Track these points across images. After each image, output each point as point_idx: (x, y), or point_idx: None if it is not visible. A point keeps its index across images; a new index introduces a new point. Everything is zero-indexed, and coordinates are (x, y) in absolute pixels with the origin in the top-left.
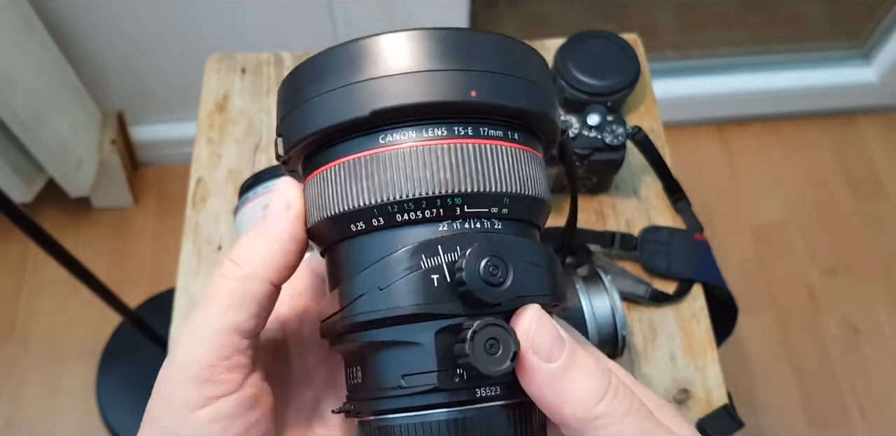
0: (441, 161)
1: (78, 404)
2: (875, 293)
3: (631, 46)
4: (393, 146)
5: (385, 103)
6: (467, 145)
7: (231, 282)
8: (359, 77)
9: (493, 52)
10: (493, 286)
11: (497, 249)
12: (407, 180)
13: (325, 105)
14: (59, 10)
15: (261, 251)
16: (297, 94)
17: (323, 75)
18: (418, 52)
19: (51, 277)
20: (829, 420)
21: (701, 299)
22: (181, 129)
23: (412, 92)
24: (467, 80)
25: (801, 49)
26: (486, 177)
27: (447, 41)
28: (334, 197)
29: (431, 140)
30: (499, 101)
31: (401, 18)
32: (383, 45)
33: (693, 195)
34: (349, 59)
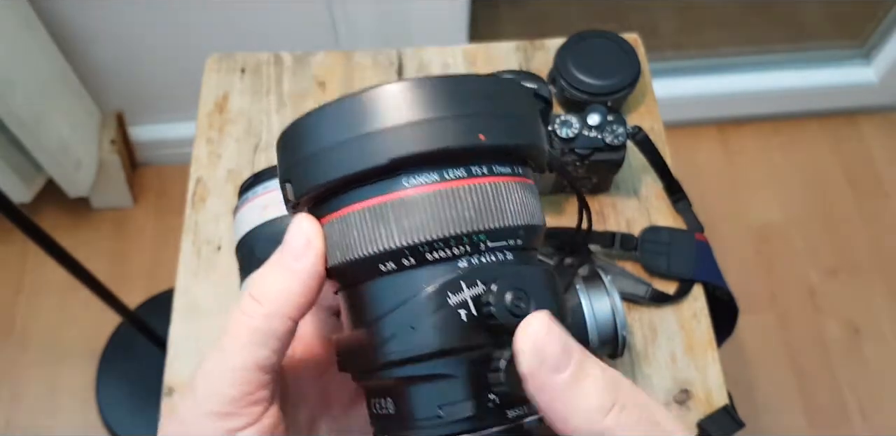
0: (465, 201)
1: (77, 404)
2: (875, 293)
3: (631, 46)
4: (418, 189)
5: (403, 151)
6: (485, 184)
7: (253, 320)
8: (373, 127)
9: (486, 95)
10: (519, 317)
11: (518, 281)
12: (436, 221)
13: (342, 153)
14: (59, 11)
15: (282, 290)
16: (309, 142)
17: (336, 125)
18: (422, 101)
19: (50, 277)
20: (829, 420)
21: (701, 300)
22: (181, 129)
23: (427, 139)
24: (473, 124)
25: (802, 49)
26: (504, 213)
27: (444, 88)
28: (362, 239)
29: (452, 181)
30: (504, 142)
31: (401, 19)
32: (390, 96)
33: (693, 195)
34: (359, 111)
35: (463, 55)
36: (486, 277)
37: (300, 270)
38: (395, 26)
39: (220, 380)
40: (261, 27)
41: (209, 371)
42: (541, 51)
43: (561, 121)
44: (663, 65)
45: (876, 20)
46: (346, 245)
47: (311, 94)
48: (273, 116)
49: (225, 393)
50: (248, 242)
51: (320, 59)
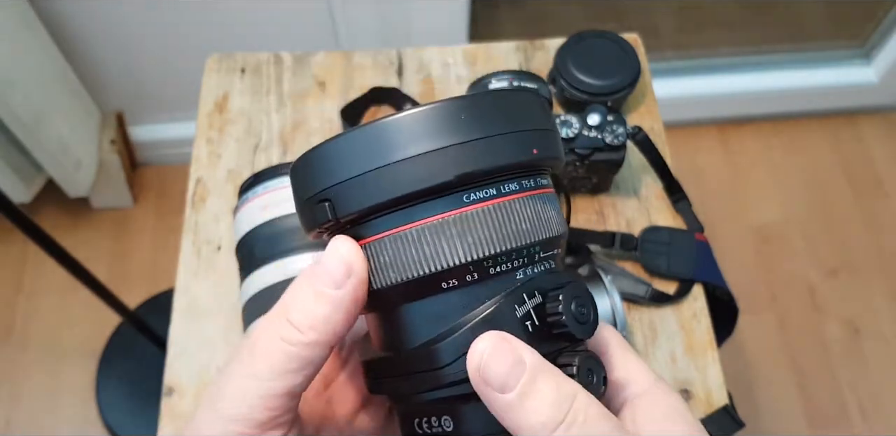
0: (520, 214)
1: (77, 404)
2: (875, 293)
3: (631, 46)
4: (477, 205)
5: (469, 168)
6: (533, 197)
7: (293, 348)
8: (435, 145)
9: (527, 110)
10: (584, 324)
11: (576, 289)
12: (499, 235)
13: (402, 172)
14: (59, 11)
15: (324, 318)
16: (358, 162)
17: (389, 144)
18: (478, 119)
19: (50, 277)
20: (829, 420)
21: (701, 300)
22: (181, 129)
23: (489, 156)
24: (525, 140)
25: (802, 49)
26: (550, 223)
27: (492, 106)
28: (423, 257)
29: (508, 196)
30: (552, 154)
31: (401, 19)
32: (440, 116)
33: (693, 195)
34: (414, 130)
35: (463, 55)
36: (541, 287)
37: (342, 298)
38: (395, 26)
39: (250, 405)
40: (261, 27)
41: (239, 393)
42: (541, 51)
43: (561, 121)
44: (663, 65)
45: (876, 20)
46: (403, 264)
47: (311, 94)
48: (273, 115)
49: (254, 418)
50: (248, 242)
51: (320, 59)
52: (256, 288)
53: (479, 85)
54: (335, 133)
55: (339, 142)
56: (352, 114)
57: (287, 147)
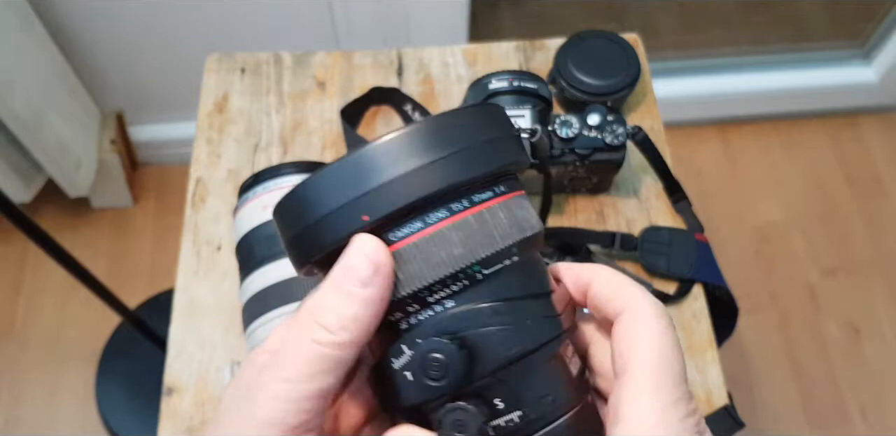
0: (451, 240)
1: (77, 404)
2: (876, 293)
3: (631, 46)
4: (404, 241)
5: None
6: (467, 217)
7: (324, 348)
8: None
9: (451, 133)
10: (437, 380)
11: (436, 345)
12: (429, 266)
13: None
14: (59, 11)
15: (354, 318)
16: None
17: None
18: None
19: (50, 277)
20: (829, 420)
21: (701, 300)
22: (180, 129)
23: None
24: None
25: (802, 49)
26: (492, 238)
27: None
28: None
29: (435, 225)
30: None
31: (401, 19)
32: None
33: (693, 195)
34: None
35: (463, 55)
36: (425, 332)
37: (371, 296)
38: (395, 26)
39: (284, 409)
40: (261, 27)
41: (272, 396)
42: (541, 51)
43: (561, 121)
44: (663, 65)
45: (876, 20)
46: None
47: (311, 94)
48: (273, 115)
49: (288, 422)
50: (248, 242)
51: (320, 59)
52: (256, 288)
53: (479, 85)
54: (335, 133)
55: (315, 180)
56: (352, 114)
57: (287, 147)
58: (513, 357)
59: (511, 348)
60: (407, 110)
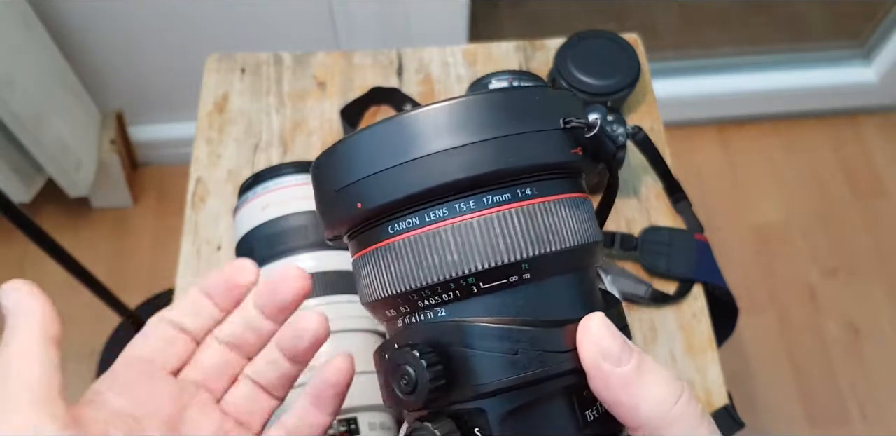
0: (448, 243)
1: None
2: (875, 293)
3: (631, 46)
4: (402, 235)
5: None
6: (470, 221)
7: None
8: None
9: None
10: (407, 394)
11: (406, 357)
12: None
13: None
14: (59, 10)
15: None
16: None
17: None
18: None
19: (50, 277)
20: (829, 420)
21: (701, 300)
22: (180, 129)
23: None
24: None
25: (802, 49)
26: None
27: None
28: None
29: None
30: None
31: (401, 19)
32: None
33: (693, 195)
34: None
35: (463, 55)
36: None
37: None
38: (395, 26)
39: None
40: (261, 27)
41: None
42: (541, 51)
43: None
44: (663, 65)
45: (876, 20)
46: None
47: (311, 94)
48: (273, 115)
49: None
50: (248, 242)
51: (320, 59)
52: None
53: (478, 85)
54: (335, 133)
55: (365, 135)
56: (352, 114)
57: (287, 147)
58: (491, 390)
59: (493, 378)
60: (407, 110)
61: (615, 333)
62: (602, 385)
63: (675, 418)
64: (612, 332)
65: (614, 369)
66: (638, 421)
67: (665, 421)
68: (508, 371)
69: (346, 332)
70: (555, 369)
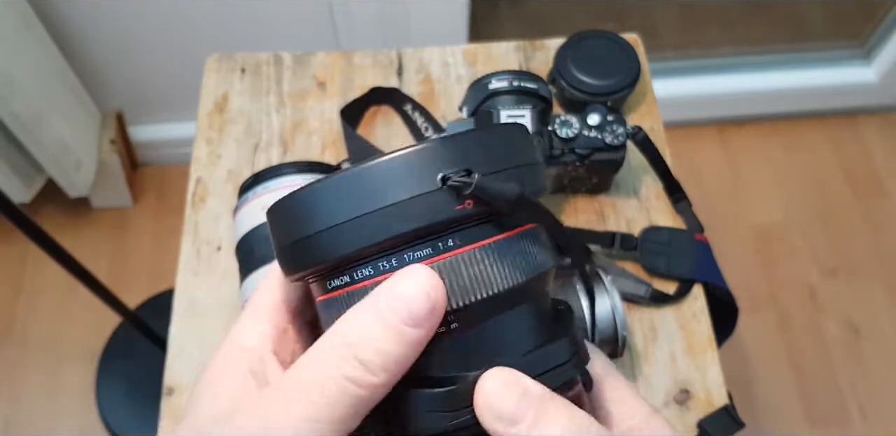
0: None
1: (77, 404)
2: (876, 293)
3: (631, 46)
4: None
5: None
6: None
7: (362, 391)
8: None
9: (511, 145)
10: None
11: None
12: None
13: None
14: (59, 10)
15: (400, 360)
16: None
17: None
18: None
19: (50, 277)
20: (829, 420)
21: (701, 300)
22: (180, 129)
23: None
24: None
25: (802, 49)
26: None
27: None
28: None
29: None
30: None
31: (401, 19)
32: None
33: (693, 195)
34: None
35: (463, 55)
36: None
37: (421, 339)
38: (395, 26)
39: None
40: (261, 27)
41: (289, 425)
42: (541, 51)
43: (561, 121)
44: (663, 65)
45: (876, 20)
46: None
47: (311, 94)
48: (273, 115)
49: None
50: (247, 242)
51: (320, 59)
52: (256, 288)
53: (479, 85)
54: (335, 133)
55: (299, 197)
56: (352, 114)
57: (287, 147)
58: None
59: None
60: (407, 110)
61: (512, 386)
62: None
63: None
64: (509, 389)
65: (508, 429)
66: None
67: None
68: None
69: None
70: (464, 423)
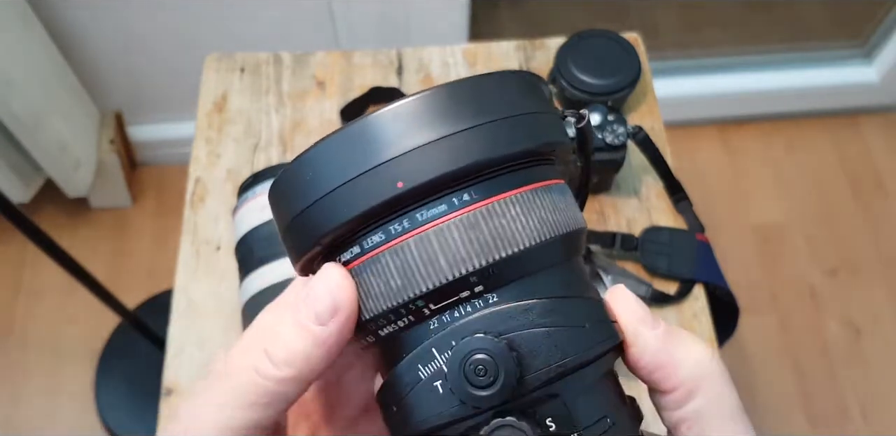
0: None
1: (76, 404)
2: (876, 293)
3: (632, 46)
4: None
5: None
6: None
7: (266, 382)
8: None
9: (510, 93)
10: (485, 388)
11: (481, 343)
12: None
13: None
14: (58, 10)
15: (304, 355)
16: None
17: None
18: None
19: (49, 277)
20: (829, 420)
21: (702, 300)
22: (180, 128)
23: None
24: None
25: (802, 49)
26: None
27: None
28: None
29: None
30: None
31: (401, 18)
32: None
33: (694, 195)
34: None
35: (463, 55)
36: (458, 337)
37: (326, 336)
38: (395, 26)
39: (207, 435)
40: (261, 27)
41: (198, 421)
42: (541, 50)
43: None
44: (664, 64)
45: (876, 20)
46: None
47: (310, 94)
48: (272, 115)
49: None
50: (247, 242)
51: (320, 59)
52: (256, 288)
53: None
54: None
55: (310, 156)
56: (351, 114)
57: (286, 147)
58: (573, 365)
59: (571, 353)
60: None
61: (641, 303)
62: (642, 350)
63: (710, 375)
64: (639, 302)
65: (652, 331)
66: (677, 381)
67: (702, 378)
68: (582, 343)
69: None
70: (614, 340)
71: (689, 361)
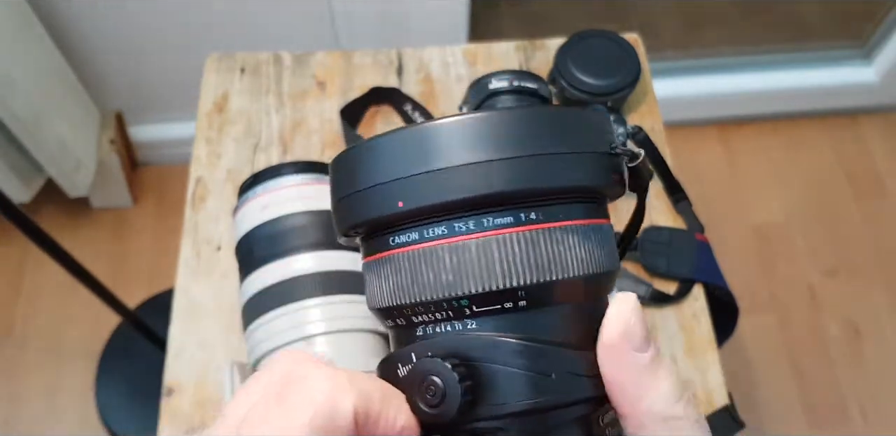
0: (443, 260)
1: (77, 404)
2: (876, 293)
3: (631, 46)
4: (402, 248)
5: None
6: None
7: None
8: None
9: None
10: (434, 407)
11: (433, 365)
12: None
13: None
14: (59, 10)
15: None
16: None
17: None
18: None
19: (50, 277)
20: (829, 420)
21: (702, 300)
22: (180, 128)
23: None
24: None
25: (802, 49)
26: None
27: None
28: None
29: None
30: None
31: (401, 18)
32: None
33: (693, 195)
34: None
35: (463, 55)
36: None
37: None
38: (395, 26)
39: None
40: (261, 27)
41: None
42: (541, 50)
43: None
44: (664, 65)
45: (876, 20)
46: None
47: (310, 94)
48: (273, 115)
49: None
50: (247, 242)
51: (320, 59)
52: (256, 288)
53: (479, 85)
54: (335, 133)
55: (382, 142)
56: (351, 114)
57: (287, 147)
58: (520, 410)
59: (524, 399)
60: (407, 110)
61: (643, 320)
62: (613, 364)
63: (673, 418)
64: (641, 318)
65: (633, 353)
66: (635, 411)
67: (663, 418)
68: (539, 392)
69: (345, 332)
70: (581, 394)
71: (656, 397)
